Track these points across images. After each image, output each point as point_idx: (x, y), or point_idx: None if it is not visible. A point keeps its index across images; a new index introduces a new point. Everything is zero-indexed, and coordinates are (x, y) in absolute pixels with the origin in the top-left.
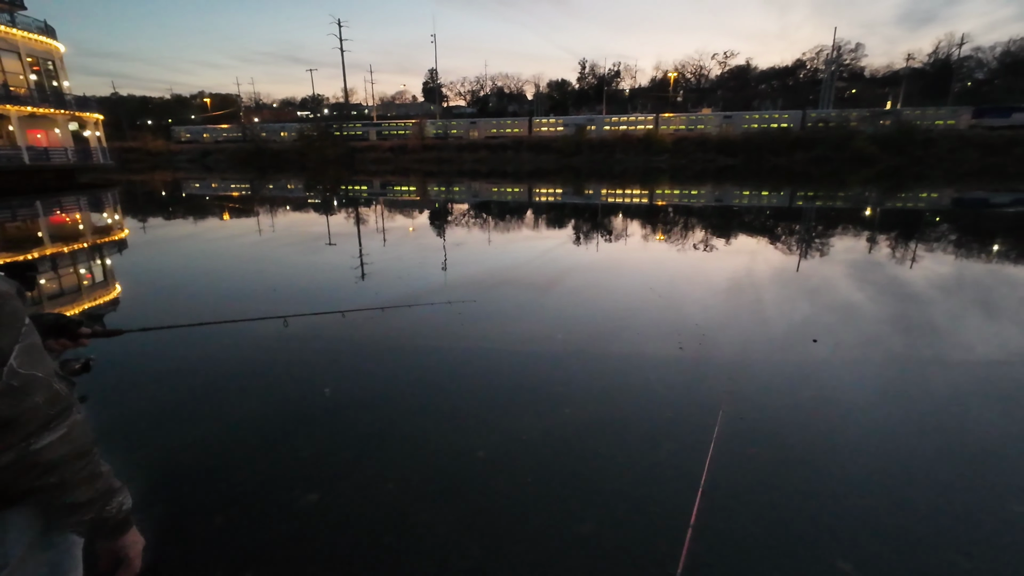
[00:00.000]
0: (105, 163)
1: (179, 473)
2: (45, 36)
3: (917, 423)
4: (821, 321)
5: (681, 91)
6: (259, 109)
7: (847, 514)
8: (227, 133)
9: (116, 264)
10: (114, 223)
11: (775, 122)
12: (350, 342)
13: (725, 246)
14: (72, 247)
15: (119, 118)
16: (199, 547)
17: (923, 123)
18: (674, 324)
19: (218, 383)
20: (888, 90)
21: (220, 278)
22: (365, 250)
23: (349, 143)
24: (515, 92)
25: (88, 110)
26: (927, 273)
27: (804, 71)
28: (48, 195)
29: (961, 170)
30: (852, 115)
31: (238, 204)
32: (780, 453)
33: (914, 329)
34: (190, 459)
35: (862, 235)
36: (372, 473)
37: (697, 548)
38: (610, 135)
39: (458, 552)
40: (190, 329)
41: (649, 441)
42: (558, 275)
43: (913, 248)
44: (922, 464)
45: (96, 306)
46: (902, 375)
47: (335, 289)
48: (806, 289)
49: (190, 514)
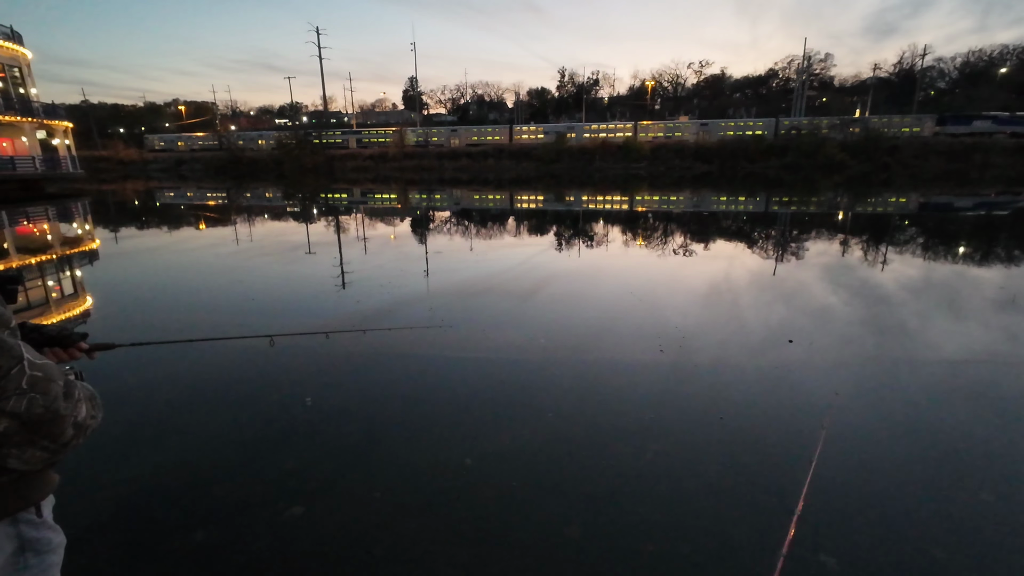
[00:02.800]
0: (74, 172)
1: (158, 488)
2: (11, 42)
3: (890, 420)
4: (797, 323)
5: (659, 99)
6: (236, 117)
7: (826, 510)
8: (203, 141)
9: (87, 276)
10: (84, 234)
11: (750, 129)
12: (331, 353)
13: (704, 251)
14: (41, 258)
15: (89, 126)
16: (181, 561)
17: (889, 131)
18: (655, 328)
19: (197, 395)
20: (856, 99)
21: (197, 289)
22: (346, 259)
23: (328, 151)
24: (495, 100)
25: (56, 118)
26: (897, 275)
27: (776, 80)
28: (14, 206)
29: (926, 175)
30: (823, 123)
31: (215, 213)
32: (759, 452)
33: (886, 330)
34: (168, 474)
35: (835, 239)
36: (357, 484)
37: (686, 549)
38: (590, 142)
39: (447, 560)
40: (171, 330)
41: (633, 444)
42: (540, 282)
43: (884, 251)
44: (896, 460)
45: (68, 319)
46: (876, 374)
47: (315, 299)
48: (783, 292)
49: (170, 530)
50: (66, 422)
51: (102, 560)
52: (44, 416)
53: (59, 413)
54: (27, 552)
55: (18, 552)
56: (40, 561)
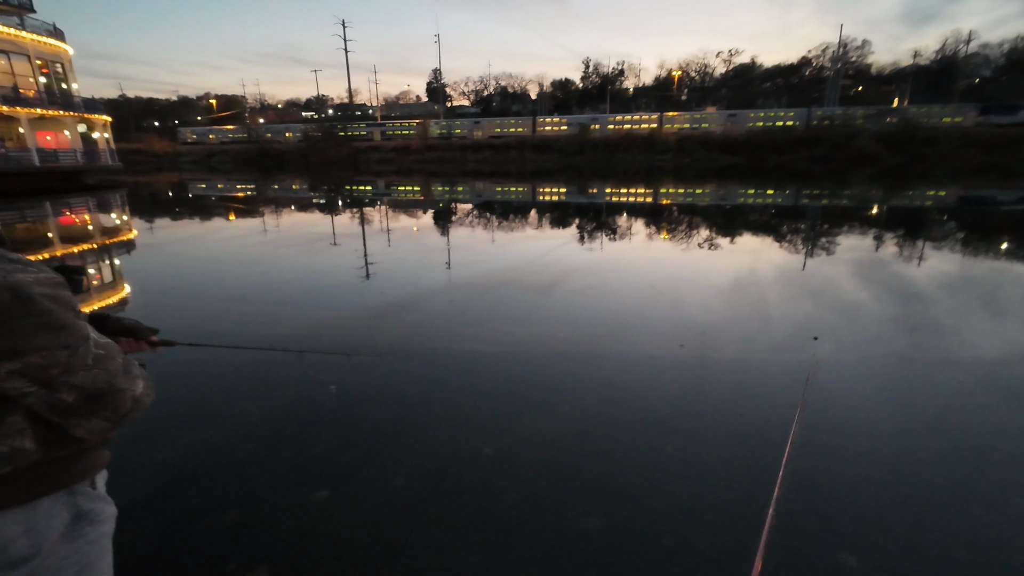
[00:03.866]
0: (112, 164)
1: (191, 471)
2: (54, 39)
3: (921, 420)
4: (824, 320)
5: (685, 89)
6: (264, 110)
7: (850, 508)
8: (232, 134)
9: (125, 264)
10: (122, 224)
11: (780, 120)
12: (354, 341)
13: (729, 245)
14: (83, 247)
15: (126, 120)
16: (214, 541)
17: (929, 121)
18: (676, 323)
19: (228, 383)
20: (894, 87)
21: (227, 279)
22: (370, 250)
23: (353, 143)
24: (519, 92)
25: (96, 112)
26: (933, 271)
27: (809, 69)
28: (56, 196)
29: (966, 168)
30: (858, 113)
31: (244, 205)
32: (783, 449)
33: (919, 327)
34: (201, 457)
35: (868, 233)
36: (380, 470)
37: (702, 544)
38: (614, 134)
39: (465, 546)
40: (197, 328)
41: (651, 439)
42: (560, 275)
43: (920, 246)
44: (926, 460)
45: (108, 307)
46: (907, 373)
47: (340, 289)
48: (810, 288)
49: (205, 509)
50: (125, 395)
51: (146, 534)
52: (107, 389)
53: (119, 387)
54: (83, 521)
55: (75, 521)
56: (94, 530)
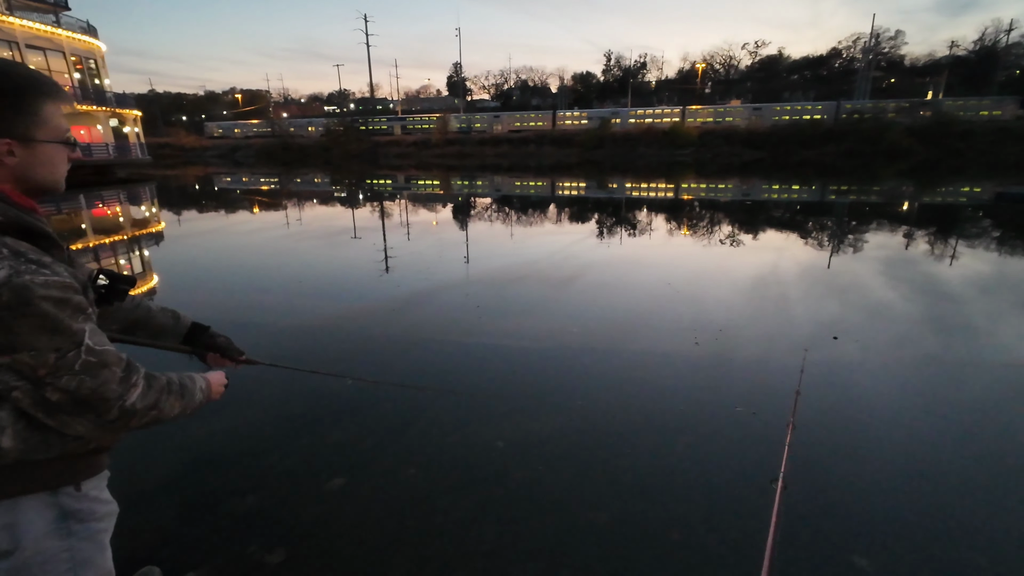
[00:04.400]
0: (142, 158)
1: (214, 455)
2: (87, 36)
3: (948, 424)
4: (847, 320)
5: (709, 82)
6: (287, 104)
7: (866, 511)
8: (256, 128)
9: (154, 255)
10: (151, 216)
11: (807, 114)
12: (370, 335)
13: (752, 242)
14: (114, 238)
15: (155, 114)
16: (234, 524)
17: (965, 114)
18: (692, 320)
19: (249, 371)
20: (928, 80)
21: (250, 270)
22: (389, 244)
23: (373, 137)
24: (539, 85)
25: (127, 107)
26: (965, 270)
27: (839, 60)
28: (89, 189)
29: (1004, 163)
30: (890, 106)
31: (267, 198)
32: (799, 450)
33: (949, 329)
34: (223, 444)
35: (897, 230)
36: (394, 460)
37: (710, 541)
38: (635, 128)
39: (476, 534)
40: (221, 317)
41: (663, 436)
42: (577, 271)
43: (951, 244)
44: (950, 464)
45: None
46: (935, 375)
47: (359, 282)
48: (834, 287)
49: (226, 493)
50: (111, 404)
51: (167, 516)
52: (90, 396)
53: (104, 396)
54: (69, 519)
55: (60, 519)
56: (84, 528)
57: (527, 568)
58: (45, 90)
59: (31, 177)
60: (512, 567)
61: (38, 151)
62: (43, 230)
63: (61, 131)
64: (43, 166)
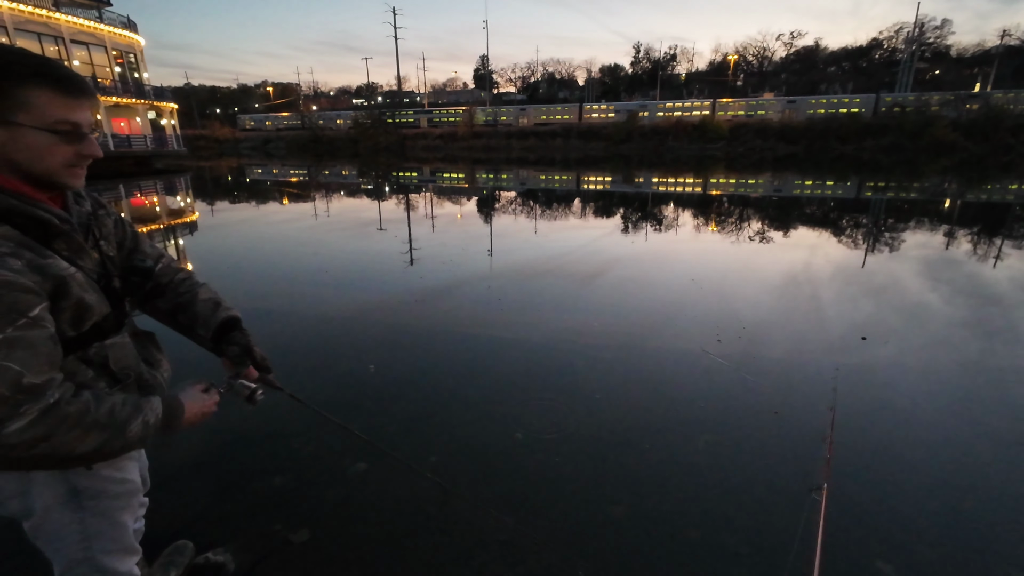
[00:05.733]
0: (179, 150)
1: (244, 437)
2: (128, 30)
3: (986, 432)
4: (881, 321)
5: (741, 75)
6: (317, 97)
7: (895, 518)
8: (287, 121)
9: (188, 244)
10: (186, 206)
11: (844, 107)
12: (393, 325)
13: (782, 239)
14: (152, 227)
15: (191, 107)
16: (262, 503)
17: (1016, 107)
18: (718, 318)
19: (276, 359)
20: (977, 71)
21: (277, 260)
22: (414, 236)
23: (401, 130)
24: (566, 78)
25: (164, 100)
26: (1009, 272)
27: (880, 51)
28: (128, 180)
29: None
30: (933, 99)
31: (297, 189)
32: (814, 449)
33: (990, 333)
34: (252, 424)
35: (939, 229)
36: (415, 448)
37: (728, 540)
38: (663, 121)
39: (493, 524)
40: (247, 305)
41: (683, 433)
42: (601, 266)
43: (997, 244)
44: (987, 475)
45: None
46: (973, 382)
47: (384, 274)
48: (868, 287)
49: (253, 473)
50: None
51: (198, 494)
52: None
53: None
54: (80, 495)
55: (71, 494)
56: (97, 504)
57: (543, 557)
58: (34, 73)
59: (13, 162)
60: (528, 555)
61: (17, 135)
62: (38, 216)
63: (49, 119)
64: (23, 152)
